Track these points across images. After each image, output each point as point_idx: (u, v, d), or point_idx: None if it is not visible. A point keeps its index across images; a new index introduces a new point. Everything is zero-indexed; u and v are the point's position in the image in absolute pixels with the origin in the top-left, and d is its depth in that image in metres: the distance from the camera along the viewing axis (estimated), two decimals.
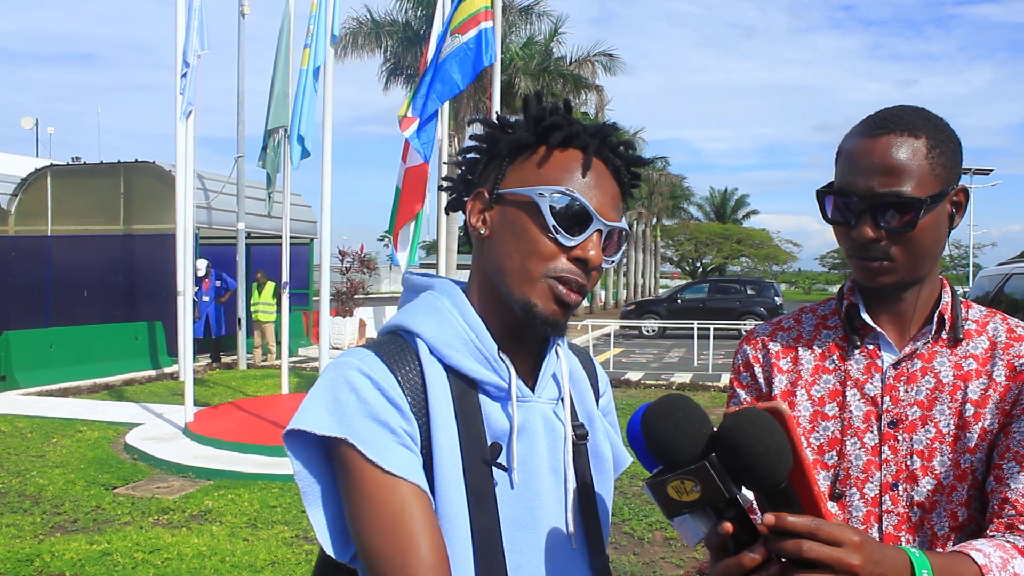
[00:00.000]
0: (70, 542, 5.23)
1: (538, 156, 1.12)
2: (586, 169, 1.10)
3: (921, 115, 1.29)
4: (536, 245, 1.08)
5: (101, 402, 10.94)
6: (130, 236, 15.49)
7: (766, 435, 0.92)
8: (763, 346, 1.46)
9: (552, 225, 1.07)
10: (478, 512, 1.05)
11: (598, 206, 1.09)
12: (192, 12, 8.63)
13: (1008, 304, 6.62)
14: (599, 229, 1.09)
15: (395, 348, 1.10)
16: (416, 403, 1.06)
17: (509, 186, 1.12)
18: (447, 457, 1.04)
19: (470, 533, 1.04)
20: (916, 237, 1.25)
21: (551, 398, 1.17)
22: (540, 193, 1.08)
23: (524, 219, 1.09)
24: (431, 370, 1.08)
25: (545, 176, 1.10)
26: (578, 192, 1.08)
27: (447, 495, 1.03)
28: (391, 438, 1.01)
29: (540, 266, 1.07)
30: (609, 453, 1.25)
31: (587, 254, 1.08)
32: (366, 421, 1.01)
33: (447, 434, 1.05)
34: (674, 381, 13.52)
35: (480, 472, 1.06)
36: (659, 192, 47.18)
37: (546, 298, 1.08)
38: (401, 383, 1.05)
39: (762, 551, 0.93)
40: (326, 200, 7.66)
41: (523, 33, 22.57)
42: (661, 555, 5.20)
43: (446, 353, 1.09)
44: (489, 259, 1.13)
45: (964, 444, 1.28)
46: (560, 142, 1.12)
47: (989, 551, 1.11)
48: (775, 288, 25.28)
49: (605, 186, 1.12)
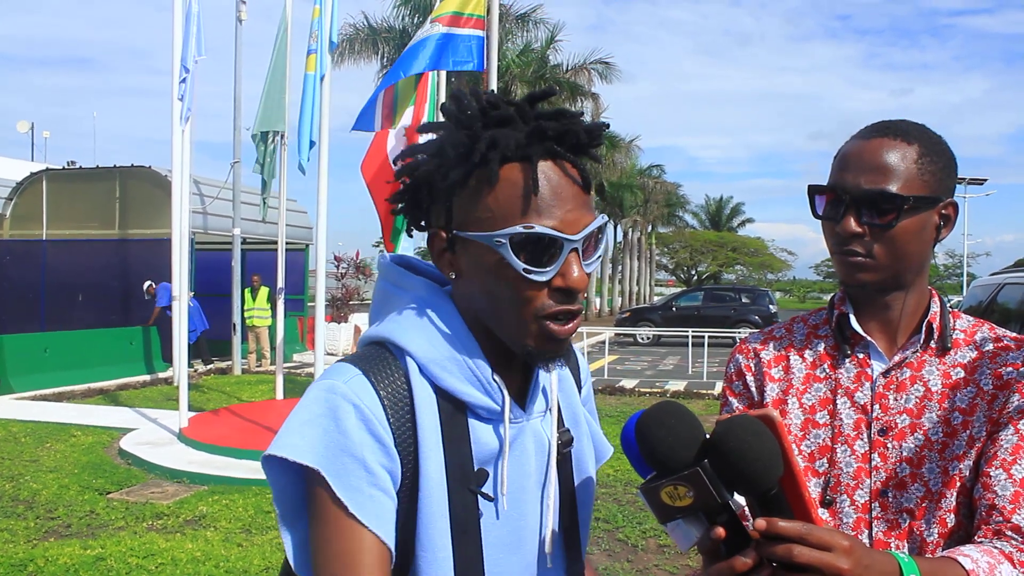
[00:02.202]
0: (64, 547, 5.22)
1: (482, 187, 1.00)
2: (536, 185, 0.98)
3: (918, 127, 1.33)
4: (514, 291, 1.00)
5: (95, 407, 10.91)
6: (125, 241, 15.47)
7: (757, 441, 0.94)
8: (755, 355, 1.48)
9: (523, 268, 0.98)
10: (461, 541, 1.02)
11: (564, 222, 0.99)
12: (190, 18, 8.66)
13: (1001, 313, 6.65)
14: (574, 248, 1.00)
15: (383, 366, 1.04)
16: (402, 432, 1.01)
17: (462, 227, 1.02)
18: (433, 488, 1.01)
19: (452, 563, 1.02)
20: (897, 237, 1.28)
21: (540, 412, 1.14)
22: (497, 240, 0.98)
23: (491, 266, 1.01)
24: (420, 393, 1.03)
25: (496, 215, 0.99)
26: (536, 221, 0.98)
27: (431, 526, 1.00)
28: (364, 478, 0.97)
29: (525, 311, 1.01)
30: (591, 453, 1.22)
31: (569, 281, 1.00)
32: (342, 456, 0.97)
33: (434, 463, 1.01)
34: (668, 389, 13.53)
35: (466, 501, 1.03)
36: (655, 200, 47.33)
37: (540, 339, 1.02)
38: (388, 410, 1.00)
39: (753, 555, 0.96)
40: (322, 206, 7.68)
41: (520, 40, 22.68)
42: (655, 562, 5.21)
43: (438, 375, 1.04)
44: (471, 297, 1.06)
45: (952, 452, 1.30)
46: (501, 162, 1.00)
47: (977, 556, 1.13)
48: (770, 296, 25.33)
49: (563, 192, 1.00)
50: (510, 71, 21.27)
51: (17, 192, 16.38)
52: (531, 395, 1.12)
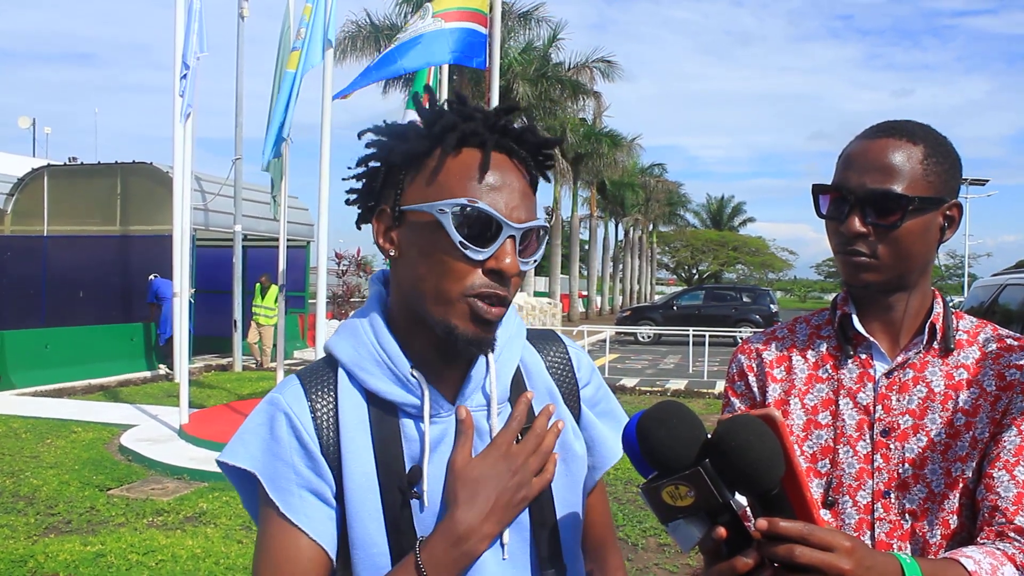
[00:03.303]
0: (64, 543, 5.22)
1: (434, 163, 1.04)
2: (485, 170, 1.02)
3: (923, 127, 1.33)
4: (447, 265, 1.02)
5: (96, 403, 10.92)
6: (127, 237, 15.46)
7: (759, 441, 0.93)
8: (757, 355, 1.48)
9: (459, 241, 1.00)
10: (396, 539, 1.05)
11: (506, 209, 1.02)
12: (192, 14, 8.65)
13: (1003, 314, 6.64)
14: (511, 235, 1.02)
15: (319, 376, 1.11)
16: (328, 437, 1.07)
17: (410, 202, 1.05)
18: (358, 488, 1.05)
19: (389, 558, 1.05)
20: (902, 237, 1.28)
21: (480, 406, 1.12)
22: (440, 209, 1.01)
23: (430, 238, 1.03)
24: (346, 398, 1.08)
25: (444, 187, 1.03)
26: (481, 200, 1.01)
27: (362, 526, 1.05)
28: (294, 480, 1.05)
29: (455, 286, 1.02)
30: (577, 449, 1.18)
31: (502, 264, 1.01)
32: (275, 461, 1.06)
33: (359, 464, 1.06)
34: (669, 388, 13.53)
35: (396, 499, 1.06)
36: (656, 199, 47.37)
37: (465, 319, 1.03)
38: (316, 417, 1.07)
39: (755, 555, 0.95)
40: (323, 203, 7.68)
41: (522, 38, 22.66)
42: (655, 561, 5.21)
43: (362, 377, 1.08)
44: (404, 280, 1.08)
45: (955, 453, 1.29)
46: (456, 143, 1.04)
47: (979, 558, 1.13)
48: (771, 296, 25.33)
49: (511, 183, 1.04)
50: (512, 69, 21.26)
51: (18, 188, 16.38)
52: (463, 390, 1.11)
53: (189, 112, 8.66)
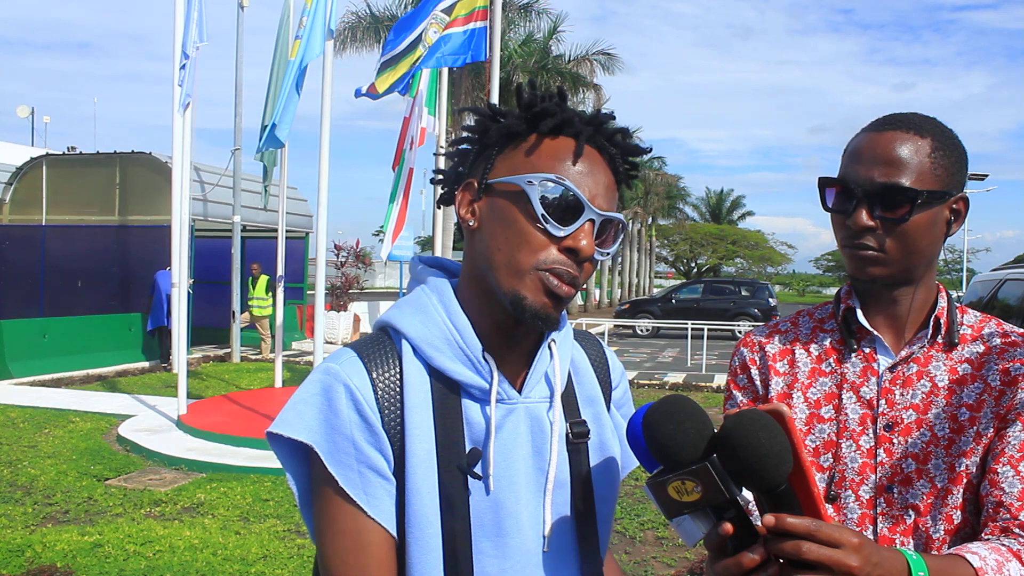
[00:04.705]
0: (61, 533, 5.22)
1: (528, 144, 1.08)
2: (578, 157, 1.06)
3: (930, 120, 1.32)
4: (525, 236, 1.04)
5: (94, 393, 10.92)
6: (125, 227, 15.43)
7: (767, 437, 0.92)
8: (760, 348, 1.47)
9: (541, 215, 1.03)
10: (450, 517, 1.05)
11: (590, 195, 1.05)
12: (191, 3, 8.60)
13: (1001, 309, 6.63)
14: (591, 219, 1.04)
15: (378, 349, 1.09)
16: (391, 412, 1.05)
17: (498, 175, 1.08)
18: (420, 465, 1.03)
19: (441, 538, 1.04)
20: (909, 231, 1.27)
21: (543, 397, 1.14)
22: (529, 181, 1.04)
23: (513, 209, 1.05)
24: (412, 374, 1.07)
25: (535, 164, 1.06)
26: (569, 180, 1.04)
27: (418, 502, 1.03)
28: (354, 455, 1.02)
29: (530, 258, 1.03)
30: (618, 450, 1.22)
31: (578, 244, 1.03)
32: (334, 434, 1.02)
33: (422, 442, 1.04)
34: (667, 381, 13.54)
35: (455, 479, 1.05)
36: (655, 192, 47.25)
37: (536, 291, 1.04)
38: (378, 391, 1.05)
39: (761, 552, 0.94)
40: (323, 194, 7.66)
41: (522, 30, 22.60)
42: (653, 554, 5.22)
43: (430, 354, 1.07)
44: (478, 252, 1.09)
45: (959, 448, 1.29)
46: (551, 129, 1.07)
47: (985, 554, 1.12)
48: (769, 289, 25.34)
49: (598, 175, 1.07)
50: (512, 61, 21.20)
51: (17, 177, 16.34)
52: (529, 378, 1.12)
53: (188, 102, 8.62)
